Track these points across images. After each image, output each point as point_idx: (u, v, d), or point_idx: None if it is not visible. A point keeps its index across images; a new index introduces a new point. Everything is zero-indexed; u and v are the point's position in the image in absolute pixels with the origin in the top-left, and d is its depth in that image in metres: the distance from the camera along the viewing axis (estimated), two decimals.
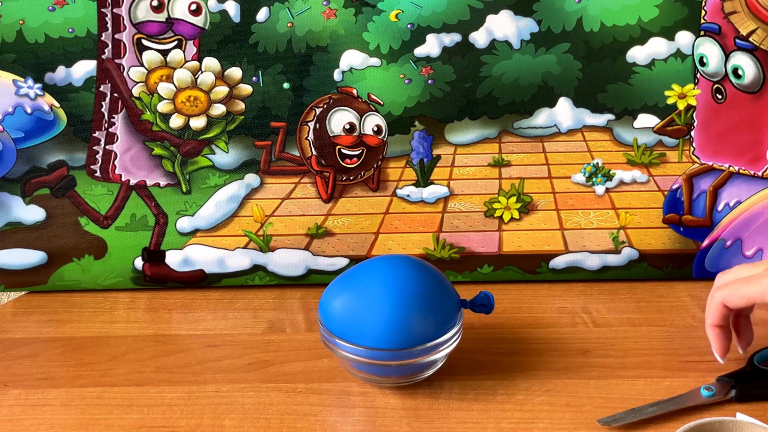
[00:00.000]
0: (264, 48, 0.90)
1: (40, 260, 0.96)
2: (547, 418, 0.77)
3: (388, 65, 0.91)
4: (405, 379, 0.81)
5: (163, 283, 0.99)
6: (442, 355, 0.80)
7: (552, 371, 0.84)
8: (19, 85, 0.91)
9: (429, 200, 0.96)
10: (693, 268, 0.99)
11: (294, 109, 0.92)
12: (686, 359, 0.85)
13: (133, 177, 0.94)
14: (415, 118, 0.93)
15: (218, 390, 0.82)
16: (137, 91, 0.91)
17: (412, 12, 0.89)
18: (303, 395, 0.81)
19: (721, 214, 0.97)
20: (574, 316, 0.93)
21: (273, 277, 0.98)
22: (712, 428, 0.69)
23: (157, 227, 0.96)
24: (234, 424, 0.77)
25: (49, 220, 0.95)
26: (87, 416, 0.79)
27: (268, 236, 0.97)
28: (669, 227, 0.98)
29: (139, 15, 0.89)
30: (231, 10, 0.89)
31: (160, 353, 0.88)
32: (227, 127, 0.93)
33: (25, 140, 0.92)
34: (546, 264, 0.98)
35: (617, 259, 0.98)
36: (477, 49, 0.91)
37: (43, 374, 0.85)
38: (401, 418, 0.78)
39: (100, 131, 0.93)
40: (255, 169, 0.94)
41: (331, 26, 0.90)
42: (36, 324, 0.93)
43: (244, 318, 0.94)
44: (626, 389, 0.81)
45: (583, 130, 0.94)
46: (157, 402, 0.80)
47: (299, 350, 0.88)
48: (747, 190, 0.96)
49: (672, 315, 0.93)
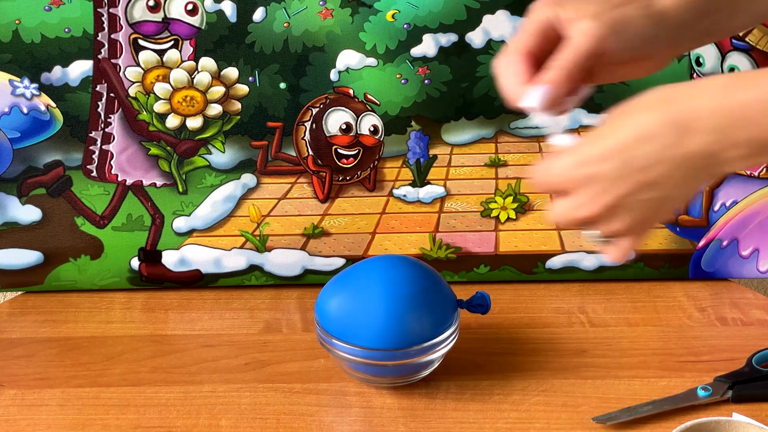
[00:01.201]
0: (260, 48, 0.90)
1: (37, 260, 0.96)
2: (544, 418, 0.77)
3: (385, 65, 0.91)
4: (402, 379, 0.81)
5: (160, 283, 0.98)
6: (439, 355, 0.80)
7: (548, 371, 0.84)
8: (16, 85, 0.91)
9: (425, 200, 0.96)
10: (689, 268, 0.99)
11: (290, 109, 0.92)
12: (682, 359, 0.85)
13: (130, 177, 0.94)
14: (412, 118, 0.93)
15: (215, 390, 0.82)
16: (134, 91, 0.91)
17: (408, 12, 0.89)
18: (299, 395, 0.81)
19: (717, 214, 0.97)
20: (570, 316, 0.93)
21: (269, 277, 0.98)
22: (708, 428, 0.69)
23: (154, 227, 0.96)
24: (230, 424, 0.77)
25: (46, 220, 0.95)
26: (83, 416, 0.79)
27: (264, 236, 0.97)
28: (665, 227, 0.98)
29: (135, 15, 0.89)
30: (227, 10, 0.89)
31: (157, 353, 0.88)
32: (224, 127, 0.93)
33: (21, 140, 0.92)
34: (542, 264, 0.99)
35: None
36: (473, 49, 0.91)
37: (39, 374, 0.85)
38: (398, 418, 0.78)
39: (96, 131, 0.92)
40: (251, 169, 0.94)
41: (327, 26, 0.90)
42: (32, 324, 0.93)
43: (240, 318, 0.94)
44: (623, 389, 0.81)
45: (580, 130, 0.94)
46: (154, 402, 0.80)
47: (296, 350, 0.88)
48: (743, 190, 0.96)
49: (668, 315, 0.93)
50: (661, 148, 0.59)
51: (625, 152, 0.60)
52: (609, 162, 0.60)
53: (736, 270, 0.99)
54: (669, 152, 0.59)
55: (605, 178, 0.60)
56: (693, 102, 0.59)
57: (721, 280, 1.00)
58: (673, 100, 0.59)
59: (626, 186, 0.60)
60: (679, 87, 0.61)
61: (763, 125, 0.57)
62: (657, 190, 0.60)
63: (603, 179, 0.61)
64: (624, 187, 0.60)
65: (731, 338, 0.89)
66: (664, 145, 0.59)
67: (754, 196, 0.96)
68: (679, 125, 0.58)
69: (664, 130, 0.59)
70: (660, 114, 0.59)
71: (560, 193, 0.63)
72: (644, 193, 0.60)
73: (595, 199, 0.61)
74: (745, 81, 0.58)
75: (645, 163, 0.59)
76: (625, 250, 0.65)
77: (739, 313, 0.93)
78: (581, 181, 0.61)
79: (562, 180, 0.63)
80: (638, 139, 0.59)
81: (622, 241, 0.64)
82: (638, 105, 0.61)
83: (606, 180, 0.60)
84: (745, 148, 0.58)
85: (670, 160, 0.59)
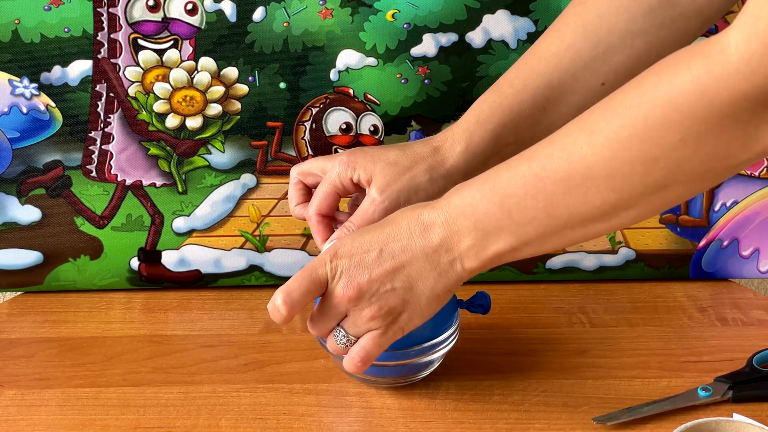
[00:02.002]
0: (260, 48, 0.90)
1: (36, 260, 0.96)
2: (544, 419, 0.77)
3: (385, 65, 0.91)
4: (402, 379, 0.80)
5: (159, 283, 0.98)
6: (439, 356, 0.80)
7: (549, 371, 0.84)
8: (15, 84, 0.90)
9: None
10: (690, 268, 0.99)
11: (290, 108, 0.92)
12: (683, 359, 0.85)
13: (129, 177, 0.94)
14: (412, 117, 0.93)
15: (214, 390, 0.82)
16: (133, 91, 0.91)
17: (408, 12, 0.89)
18: (299, 396, 0.81)
19: (717, 214, 0.97)
20: (570, 317, 0.93)
21: (269, 278, 0.98)
22: (709, 428, 0.69)
23: (153, 227, 0.96)
24: (230, 425, 0.77)
25: (45, 220, 0.95)
26: (83, 417, 0.78)
27: (264, 236, 0.97)
28: (666, 227, 0.98)
29: (135, 15, 0.89)
30: (227, 10, 0.89)
31: (156, 353, 0.88)
32: (223, 126, 0.93)
33: (20, 140, 0.92)
34: (543, 264, 0.98)
35: (614, 259, 0.98)
36: (473, 49, 0.91)
37: (38, 375, 0.85)
38: (398, 419, 0.78)
39: (95, 131, 0.92)
40: (251, 169, 0.94)
41: (327, 26, 0.90)
42: (32, 324, 0.93)
43: (240, 318, 0.94)
44: (623, 389, 0.81)
45: None
46: (153, 402, 0.80)
47: (295, 351, 0.88)
48: (744, 190, 0.96)
49: (669, 315, 0.93)
50: (407, 240, 0.70)
51: (381, 243, 0.70)
52: (368, 252, 0.70)
53: (736, 270, 0.99)
54: (413, 243, 0.70)
55: (362, 264, 0.70)
56: (437, 203, 0.70)
57: (722, 280, 1.00)
58: (423, 204, 0.71)
59: (378, 271, 0.70)
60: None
61: (477, 213, 0.67)
62: (405, 279, 0.70)
63: (360, 266, 0.70)
64: (377, 272, 0.70)
65: (732, 338, 0.89)
66: (410, 237, 0.70)
67: (754, 196, 0.96)
68: (422, 222, 0.70)
69: (412, 227, 0.70)
70: (410, 214, 0.71)
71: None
72: (394, 280, 0.70)
73: (352, 284, 0.70)
74: (479, 177, 0.69)
75: (395, 252, 0.70)
76: (369, 350, 0.72)
77: (740, 314, 0.93)
78: (342, 267, 0.71)
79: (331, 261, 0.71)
80: (392, 234, 0.70)
81: (368, 338, 0.72)
82: (399, 211, 0.72)
83: (362, 266, 0.70)
84: (467, 237, 0.68)
85: (413, 249, 0.70)
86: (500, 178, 0.67)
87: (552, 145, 0.65)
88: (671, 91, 0.58)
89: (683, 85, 0.57)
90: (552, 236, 0.67)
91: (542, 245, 0.68)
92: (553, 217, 0.65)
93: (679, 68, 0.58)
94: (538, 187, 0.65)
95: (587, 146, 0.62)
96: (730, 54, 0.55)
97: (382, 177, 0.77)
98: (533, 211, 0.65)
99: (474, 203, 0.68)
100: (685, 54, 0.59)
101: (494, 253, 0.68)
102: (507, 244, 0.68)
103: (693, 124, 0.58)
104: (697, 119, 0.57)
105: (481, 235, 0.68)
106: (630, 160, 0.61)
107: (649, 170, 0.61)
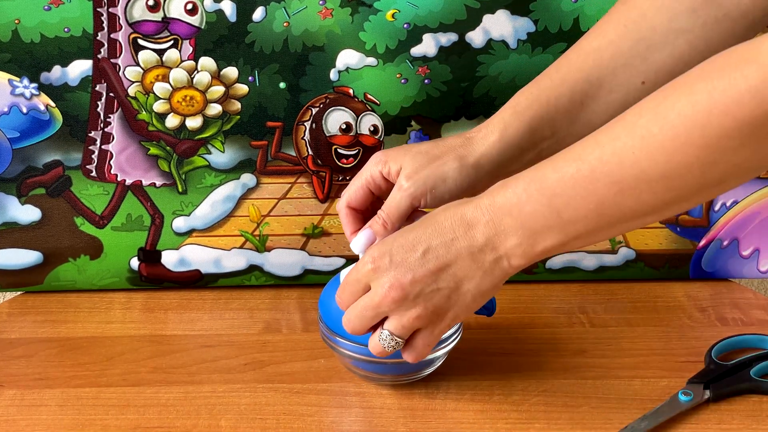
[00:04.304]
0: (260, 47, 0.90)
1: (36, 260, 0.96)
2: (544, 419, 0.77)
3: (385, 65, 0.91)
4: (405, 376, 0.81)
5: (159, 283, 0.98)
6: (443, 353, 0.80)
7: (549, 371, 0.84)
8: (15, 84, 0.90)
9: None
10: (690, 268, 0.99)
11: (290, 108, 0.92)
12: (683, 359, 0.85)
13: (129, 177, 0.94)
14: (412, 117, 0.93)
15: (214, 390, 0.82)
16: (133, 91, 0.91)
17: (408, 11, 0.89)
18: (299, 395, 0.81)
19: (717, 214, 0.97)
20: (570, 317, 0.93)
21: (269, 278, 0.98)
22: None
23: (153, 227, 0.96)
24: (230, 425, 0.77)
25: (45, 220, 0.95)
26: (83, 417, 0.78)
27: (264, 236, 0.96)
28: (666, 227, 0.98)
29: (135, 14, 0.89)
30: (227, 10, 0.89)
31: (156, 353, 0.88)
32: (223, 126, 0.93)
33: (20, 140, 0.92)
34: (542, 264, 0.98)
35: (614, 259, 0.98)
36: (473, 49, 0.91)
37: (38, 374, 0.85)
38: (398, 419, 0.78)
39: (95, 131, 0.92)
40: (251, 169, 0.94)
41: (327, 26, 0.90)
42: (32, 324, 0.93)
43: (240, 318, 0.94)
44: (623, 389, 0.81)
45: None
46: (153, 402, 0.80)
47: (296, 350, 0.88)
48: (744, 190, 0.96)
49: (669, 315, 0.93)
50: (451, 239, 0.69)
51: (424, 243, 0.70)
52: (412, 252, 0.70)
53: (736, 270, 0.99)
54: (457, 242, 0.69)
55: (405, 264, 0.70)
56: (480, 201, 0.69)
57: (722, 280, 1.00)
58: (465, 201, 0.70)
59: (422, 271, 0.69)
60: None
61: (523, 213, 0.66)
62: (450, 279, 0.69)
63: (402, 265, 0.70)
64: (420, 272, 0.69)
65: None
66: (454, 236, 0.69)
67: (754, 196, 0.96)
68: (465, 221, 0.69)
69: (455, 225, 0.69)
70: (453, 212, 0.70)
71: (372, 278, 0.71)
72: (439, 280, 0.69)
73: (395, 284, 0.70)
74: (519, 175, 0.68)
75: (439, 252, 0.69)
76: (421, 350, 0.73)
77: (740, 314, 0.93)
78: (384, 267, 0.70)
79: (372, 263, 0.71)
80: (435, 233, 0.70)
81: (418, 339, 0.72)
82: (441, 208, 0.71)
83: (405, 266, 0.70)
84: (514, 236, 0.67)
85: (457, 249, 0.69)
86: (547, 179, 0.66)
87: (600, 148, 0.64)
88: (727, 101, 0.57)
89: (740, 95, 0.56)
90: (602, 231, 0.67)
91: (591, 239, 0.67)
92: (604, 216, 0.65)
93: (732, 75, 0.57)
94: (589, 190, 0.64)
95: (640, 151, 0.61)
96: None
97: (410, 165, 0.76)
98: (584, 210, 0.65)
99: (520, 203, 0.67)
100: (734, 58, 0.57)
101: (543, 249, 0.68)
102: (556, 241, 0.67)
103: (753, 131, 0.57)
104: (757, 125, 0.57)
105: (529, 233, 0.67)
106: (687, 164, 0.60)
107: (707, 172, 0.60)
